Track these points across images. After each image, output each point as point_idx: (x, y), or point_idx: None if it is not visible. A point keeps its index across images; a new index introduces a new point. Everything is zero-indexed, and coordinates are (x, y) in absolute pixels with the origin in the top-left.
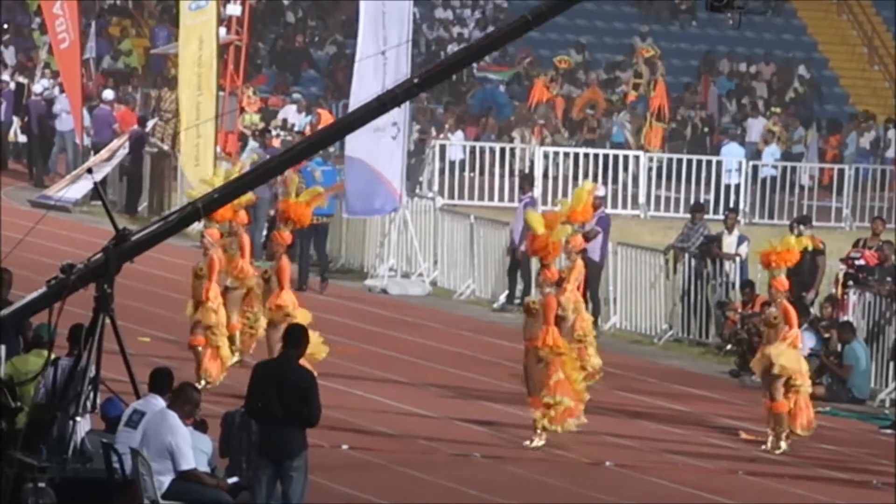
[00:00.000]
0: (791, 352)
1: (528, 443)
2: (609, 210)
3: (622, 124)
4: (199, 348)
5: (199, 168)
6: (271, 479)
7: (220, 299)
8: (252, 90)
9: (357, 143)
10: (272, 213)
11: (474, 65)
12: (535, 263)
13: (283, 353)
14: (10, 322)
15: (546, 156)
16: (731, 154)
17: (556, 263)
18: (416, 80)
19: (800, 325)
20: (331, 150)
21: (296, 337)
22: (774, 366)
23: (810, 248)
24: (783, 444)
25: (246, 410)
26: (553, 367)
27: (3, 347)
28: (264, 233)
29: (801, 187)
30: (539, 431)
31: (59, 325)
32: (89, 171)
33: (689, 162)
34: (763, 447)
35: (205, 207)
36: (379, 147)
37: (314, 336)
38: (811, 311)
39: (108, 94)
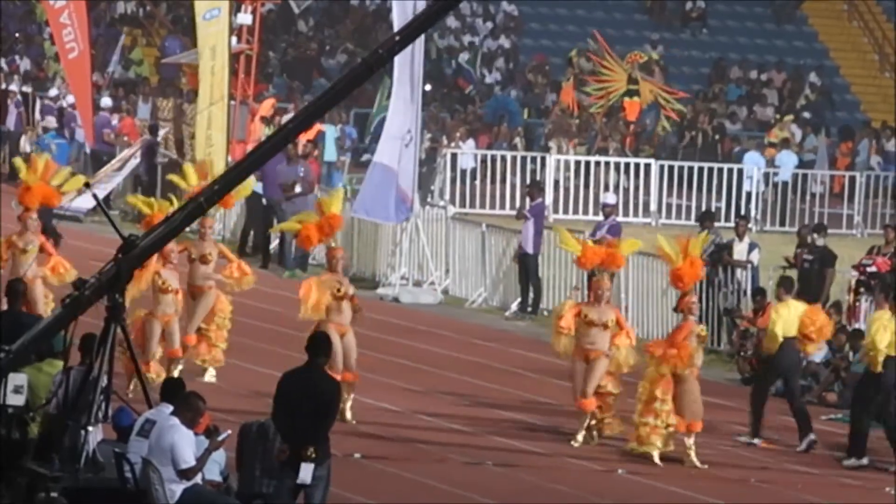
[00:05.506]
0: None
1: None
2: (620, 218)
3: None
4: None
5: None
6: (294, 489)
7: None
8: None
9: (385, 149)
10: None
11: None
12: (543, 271)
13: (310, 361)
14: (32, 347)
15: (557, 163)
16: (753, 162)
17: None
18: (397, 38)
19: None
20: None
21: (321, 345)
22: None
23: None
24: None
25: (274, 421)
26: None
27: (26, 377)
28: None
29: (813, 194)
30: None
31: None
32: (87, 185)
33: (701, 169)
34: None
35: (207, 201)
36: (401, 155)
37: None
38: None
39: (107, 101)
